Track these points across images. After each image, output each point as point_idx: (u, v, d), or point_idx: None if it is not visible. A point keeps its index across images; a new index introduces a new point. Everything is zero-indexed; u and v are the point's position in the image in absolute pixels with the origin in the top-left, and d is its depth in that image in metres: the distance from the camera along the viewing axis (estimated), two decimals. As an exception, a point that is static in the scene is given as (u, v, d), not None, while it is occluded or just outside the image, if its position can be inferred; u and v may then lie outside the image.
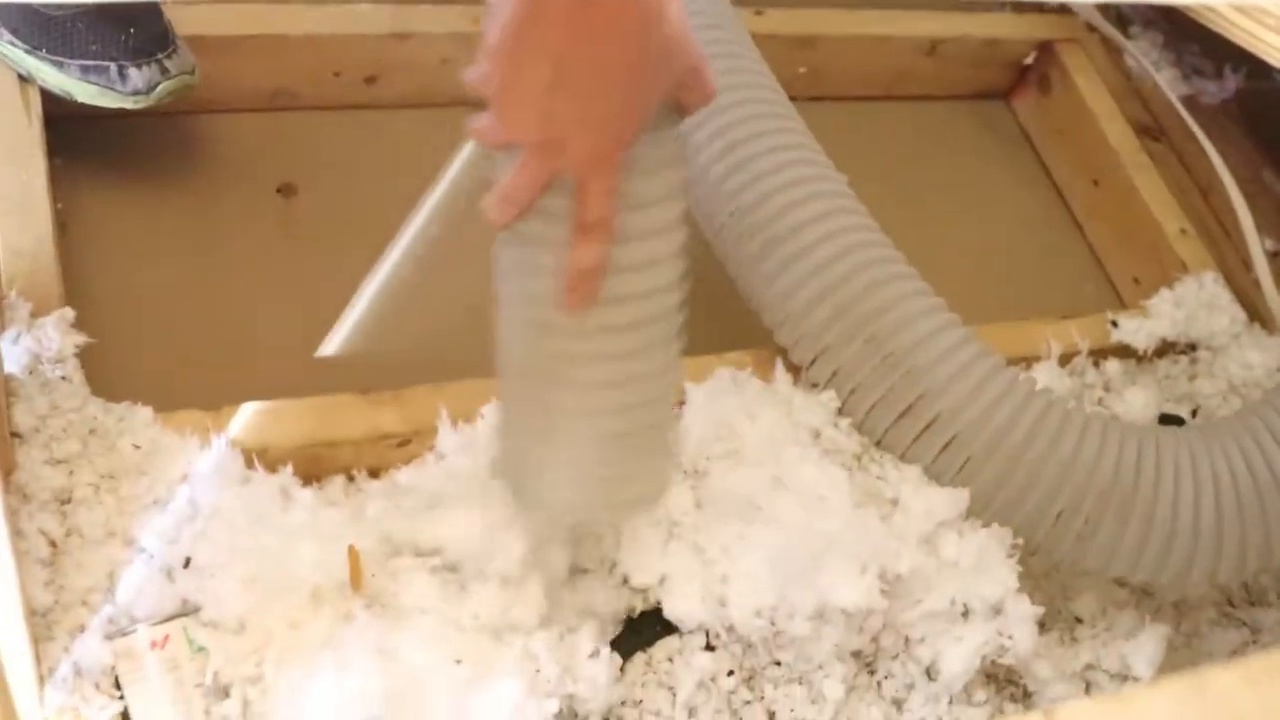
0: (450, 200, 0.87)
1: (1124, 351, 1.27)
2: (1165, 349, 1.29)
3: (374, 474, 0.96)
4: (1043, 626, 1.02)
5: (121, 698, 0.81)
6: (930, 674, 1.00)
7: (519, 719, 0.83)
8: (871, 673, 0.99)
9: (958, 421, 1.01)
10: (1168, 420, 1.24)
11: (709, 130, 1.08)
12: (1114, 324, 1.27)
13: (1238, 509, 1.04)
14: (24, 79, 1.07)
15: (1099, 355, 1.25)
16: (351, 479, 0.96)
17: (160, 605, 0.84)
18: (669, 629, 0.94)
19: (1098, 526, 1.02)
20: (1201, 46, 1.56)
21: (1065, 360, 1.23)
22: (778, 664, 0.96)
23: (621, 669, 0.92)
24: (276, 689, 0.83)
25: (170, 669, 0.82)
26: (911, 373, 1.01)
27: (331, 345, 0.96)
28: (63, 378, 0.91)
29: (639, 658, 0.93)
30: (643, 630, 0.94)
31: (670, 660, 0.94)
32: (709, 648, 0.94)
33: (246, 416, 0.93)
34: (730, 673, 0.94)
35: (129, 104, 1.05)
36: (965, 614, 0.98)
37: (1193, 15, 1.32)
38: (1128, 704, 0.43)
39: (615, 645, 0.92)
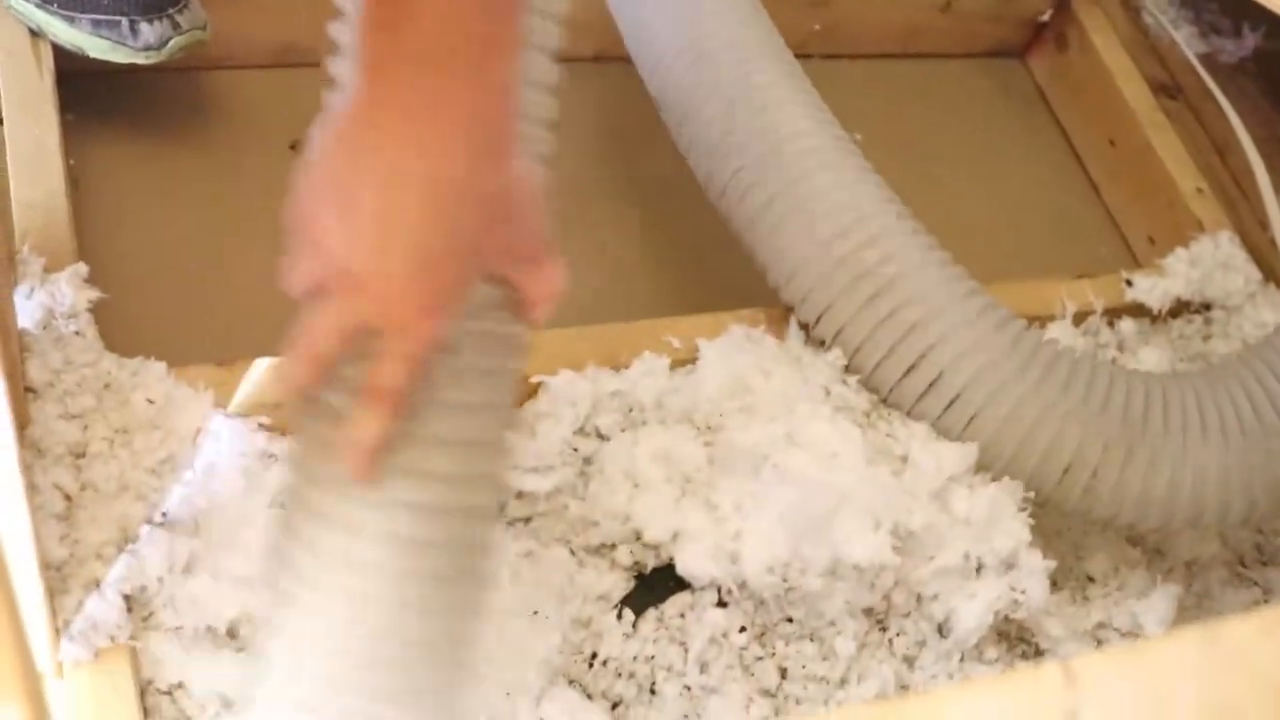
0: None
1: (1138, 311, 1.26)
2: (1180, 308, 1.28)
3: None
4: (1055, 585, 1.02)
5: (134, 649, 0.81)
6: (942, 631, 1.00)
7: (523, 648, 0.84)
8: (883, 630, 1.00)
9: (962, 376, 1.00)
10: (1181, 380, 1.24)
11: (711, 89, 1.07)
12: (1129, 283, 1.26)
13: (1245, 453, 1.04)
14: (35, 34, 1.06)
15: (1113, 314, 1.25)
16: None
17: (173, 559, 0.84)
18: (681, 585, 0.94)
19: (1105, 475, 1.02)
20: (1220, 4, 1.54)
21: (1080, 319, 1.22)
22: (789, 620, 0.96)
23: (634, 625, 0.93)
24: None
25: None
26: (916, 328, 1.00)
27: None
28: (76, 333, 0.91)
29: (651, 614, 0.93)
30: (655, 586, 0.94)
31: (682, 616, 0.94)
32: (721, 604, 0.94)
33: (259, 371, 0.93)
34: (742, 629, 0.94)
35: (140, 59, 1.05)
36: (978, 569, 0.98)
37: (1211, -29, 1.31)
38: (1142, 655, 0.42)
39: (628, 601, 0.93)
